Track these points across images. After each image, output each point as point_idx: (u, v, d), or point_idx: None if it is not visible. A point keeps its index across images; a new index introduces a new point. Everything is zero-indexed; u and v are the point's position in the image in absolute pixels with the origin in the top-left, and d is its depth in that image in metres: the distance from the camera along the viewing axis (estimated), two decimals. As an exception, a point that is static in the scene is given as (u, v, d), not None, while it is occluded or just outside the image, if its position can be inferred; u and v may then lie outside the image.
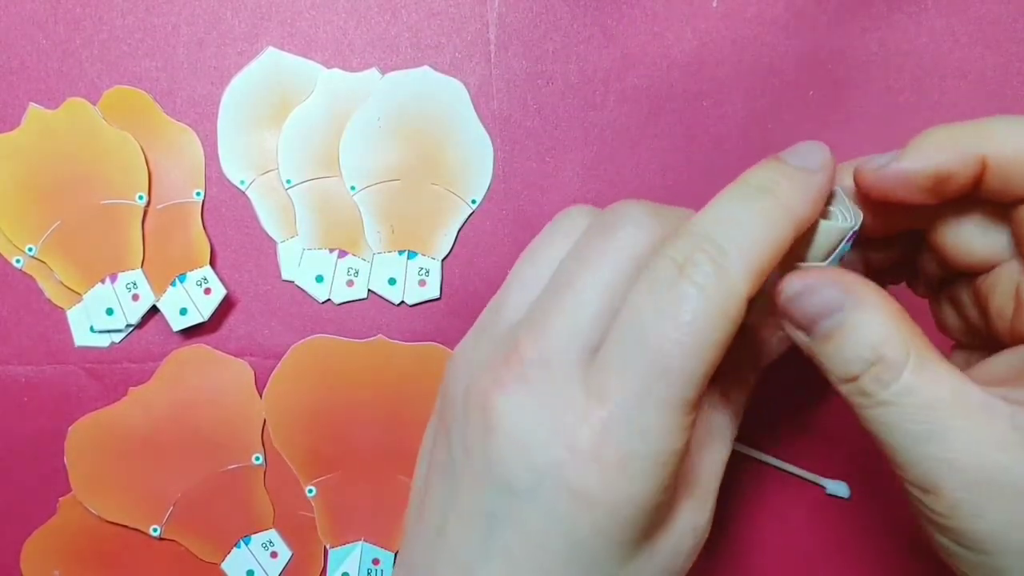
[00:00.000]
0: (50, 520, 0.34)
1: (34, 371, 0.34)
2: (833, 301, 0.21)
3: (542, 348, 0.22)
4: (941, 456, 0.20)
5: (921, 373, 0.20)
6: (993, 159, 0.21)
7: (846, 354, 0.21)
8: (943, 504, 0.20)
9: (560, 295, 0.22)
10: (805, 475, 0.34)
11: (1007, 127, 0.21)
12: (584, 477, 0.20)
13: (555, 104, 0.33)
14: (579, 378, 0.21)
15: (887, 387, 0.20)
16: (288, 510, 0.34)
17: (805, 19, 0.33)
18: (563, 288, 0.22)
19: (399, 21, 0.33)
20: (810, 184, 0.21)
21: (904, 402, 0.20)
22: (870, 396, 0.21)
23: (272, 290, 0.34)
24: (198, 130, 0.33)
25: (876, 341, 0.20)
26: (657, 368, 0.20)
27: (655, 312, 0.20)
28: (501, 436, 0.21)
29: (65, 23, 0.33)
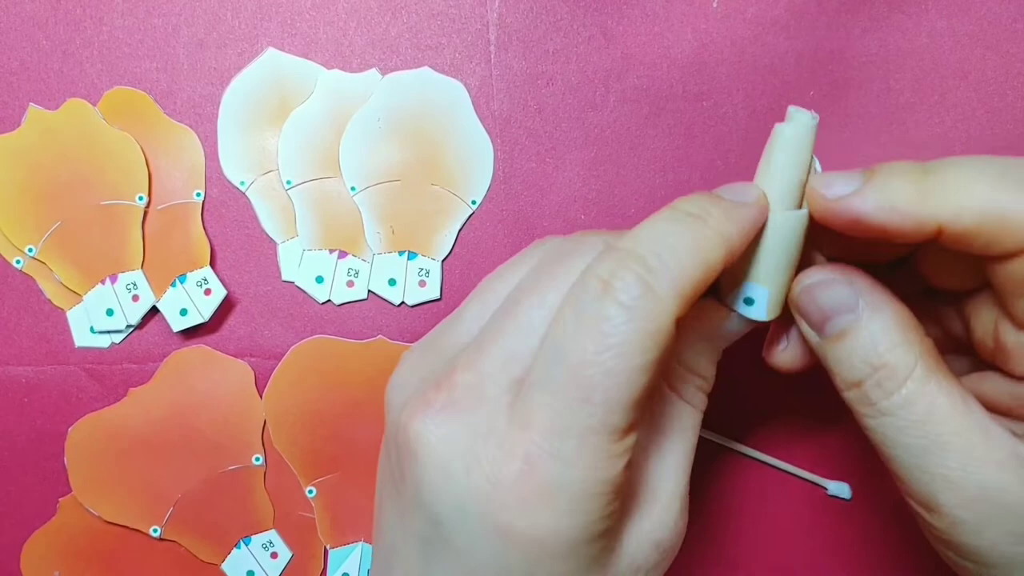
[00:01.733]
0: (50, 520, 0.34)
1: (34, 372, 0.34)
2: (845, 300, 0.21)
3: (476, 372, 0.21)
4: (939, 472, 0.20)
5: (925, 385, 0.20)
6: (950, 228, 0.19)
7: (853, 358, 0.20)
8: (944, 521, 0.20)
9: (503, 320, 0.21)
10: (806, 476, 0.34)
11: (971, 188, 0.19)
12: (507, 512, 0.19)
13: (555, 104, 0.33)
14: (507, 404, 0.20)
15: (889, 396, 0.20)
16: (288, 511, 0.34)
17: (805, 20, 0.33)
18: (507, 313, 0.21)
19: (399, 22, 0.33)
20: (741, 215, 0.21)
21: (905, 414, 0.20)
22: (872, 404, 0.20)
23: (272, 291, 0.34)
24: (198, 131, 0.33)
25: (883, 348, 0.20)
26: (580, 394, 0.19)
27: (577, 332, 0.19)
28: (426, 462, 0.20)
29: (65, 24, 0.33)
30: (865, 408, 0.21)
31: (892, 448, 0.21)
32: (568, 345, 0.19)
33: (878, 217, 0.19)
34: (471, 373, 0.21)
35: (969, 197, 0.19)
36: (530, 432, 0.19)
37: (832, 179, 0.21)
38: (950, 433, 0.20)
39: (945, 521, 0.20)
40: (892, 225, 0.19)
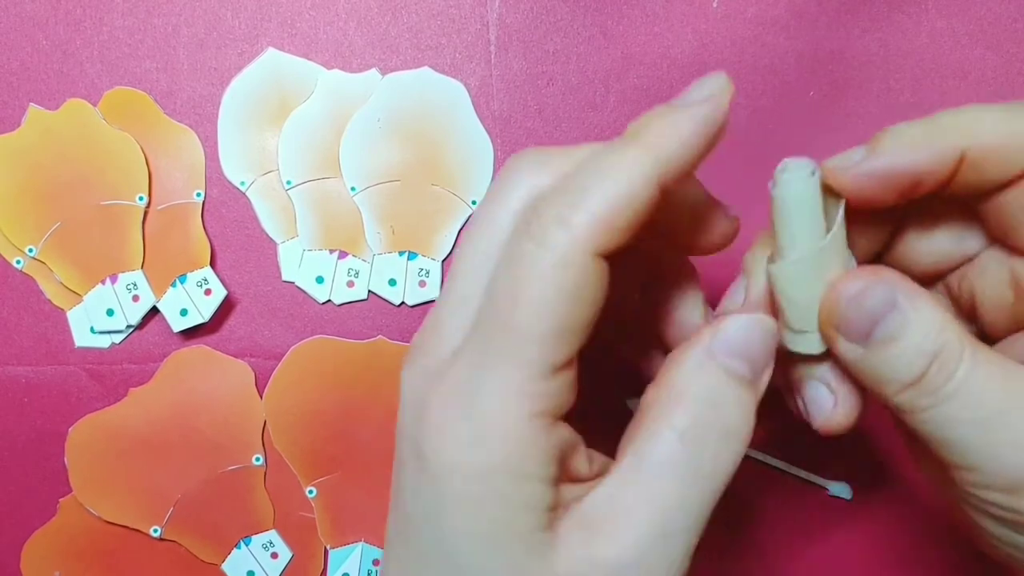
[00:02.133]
0: (50, 521, 0.34)
1: (34, 372, 0.34)
2: (887, 299, 0.20)
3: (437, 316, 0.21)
4: (1011, 436, 0.19)
5: (976, 357, 0.19)
6: (973, 151, 0.20)
7: (909, 354, 0.19)
8: (1005, 488, 0.19)
9: (458, 257, 0.21)
10: (806, 476, 0.34)
11: (983, 116, 0.20)
12: (429, 441, 0.19)
13: (555, 104, 0.33)
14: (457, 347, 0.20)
15: (952, 378, 0.19)
16: (288, 511, 0.34)
17: (805, 20, 0.33)
18: (461, 249, 0.21)
19: (399, 22, 0.33)
20: (680, 120, 0.19)
21: (968, 390, 0.19)
22: (934, 393, 0.19)
23: (272, 291, 0.34)
24: (198, 131, 0.33)
25: (935, 333, 0.19)
26: (498, 327, 0.18)
27: (502, 273, 0.19)
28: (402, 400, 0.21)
29: (66, 24, 0.33)
30: (926, 400, 0.20)
31: (956, 432, 0.19)
32: (494, 285, 0.19)
33: (905, 160, 0.20)
34: (436, 315, 0.21)
35: (985, 122, 0.20)
36: (457, 366, 0.19)
37: (840, 156, 0.21)
38: (1012, 397, 0.19)
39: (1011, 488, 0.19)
40: (919, 161, 0.20)
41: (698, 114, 0.19)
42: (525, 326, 0.18)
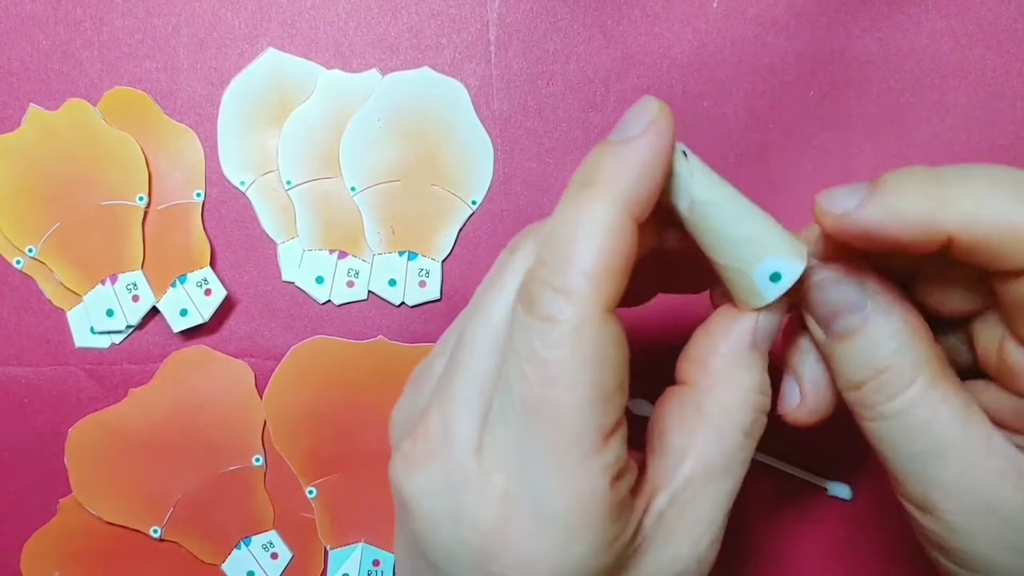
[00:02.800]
0: (50, 521, 0.34)
1: (34, 372, 0.34)
2: (855, 299, 0.20)
3: (445, 415, 0.20)
4: (937, 479, 0.20)
5: (928, 392, 0.20)
6: (963, 240, 0.18)
7: (857, 358, 0.20)
8: (938, 525, 0.20)
9: (458, 351, 0.20)
10: (806, 476, 0.34)
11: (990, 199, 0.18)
12: (498, 561, 0.19)
13: (555, 104, 0.33)
14: (476, 447, 0.19)
15: (890, 400, 0.20)
16: (288, 511, 0.34)
17: (805, 20, 0.33)
18: (461, 342, 0.20)
19: (399, 22, 0.33)
20: (628, 155, 0.19)
21: (905, 419, 0.20)
22: (871, 407, 0.20)
23: (272, 291, 0.34)
24: (198, 131, 0.33)
25: (888, 351, 0.20)
26: (536, 421, 0.18)
27: (517, 362, 0.18)
28: (415, 514, 0.20)
29: (65, 24, 0.33)
30: (864, 411, 0.21)
31: (889, 451, 0.20)
32: (512, 375, 0.18)
33: (888, 227, 0.18)
34: (438, 418, 0.20)
35: (983, 208, 0.18)
36: (500, 471, 0.19)
37: (836, 194, 0.20)
38: (950, 442, 0.19)
39: (939, 525, 0.20)
40: (902, 234, 0.18)
41: (644, 147, 0.19)
42: (566, 405, 0.18)
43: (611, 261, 0.18)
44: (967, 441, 0.19)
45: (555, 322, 0.18)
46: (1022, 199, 0.18)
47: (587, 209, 0.18)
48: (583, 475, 0.18)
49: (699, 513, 0.21)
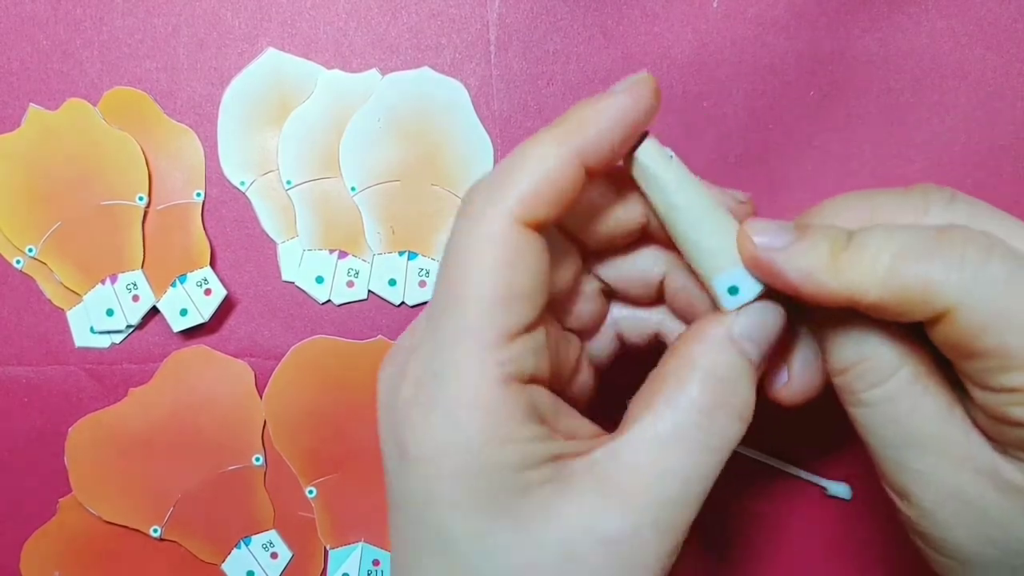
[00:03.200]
0: (50, 521, 0.34)
1: (34, 371, 0.34)
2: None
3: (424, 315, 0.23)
4: (915, 467, 0.20)
5: (911, 385, 0.20)
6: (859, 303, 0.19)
7: (844, 344, 0.21)
8: (914, 511, 0.20)
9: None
10: (806, 476, 0.34)
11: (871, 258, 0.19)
12: (407, 442, 0.20)
13: (555, 104, 0.33)
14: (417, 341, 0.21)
15: (872, 388, 0.20)
16: (288, 511, 0.34)
17: (805, 20, 0.33)
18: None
19: (399, 22, 0.33)
20: (600, 106, 0.20)
21: (885, 409, 0.20)
22: (853, 394, 0.21)
23: (272, 291, 0.34)
24: (198, 131, 0.33)
25: (874, 341, 0.20)
26: (447, 309, 0.20)
27: (445, 257, 0.20)
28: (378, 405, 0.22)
29: (65, 24, 0.33)
30: (848, 396, 0.21)
31: (871, 437, 0.21)
32: (439, 273, 0.20)
33: (796, 281, 0.19)
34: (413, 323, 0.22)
35: (872, 272, 0.18)
36: (417, 359, 0.20)
37: (765, 228, 0.20)
38: (930, 435, 0.20)
39: (915, 512, 0.20)
40: (809, 292, 0.19)
41: (617, 101, 0.20)
42: (472, 298, 0.19)
43: (541, 184, 0.20)
44: (946, 435, 0.20)
45: (478, 224, 0.20)
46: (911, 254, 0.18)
47: (539, 142, 0.20)
48: (475, 366, 0.19)
49: (638, 479, 0.20)
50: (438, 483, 0.19)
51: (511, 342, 0.19)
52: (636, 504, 0.19)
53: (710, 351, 0.21)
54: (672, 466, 0.20)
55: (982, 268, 0.18)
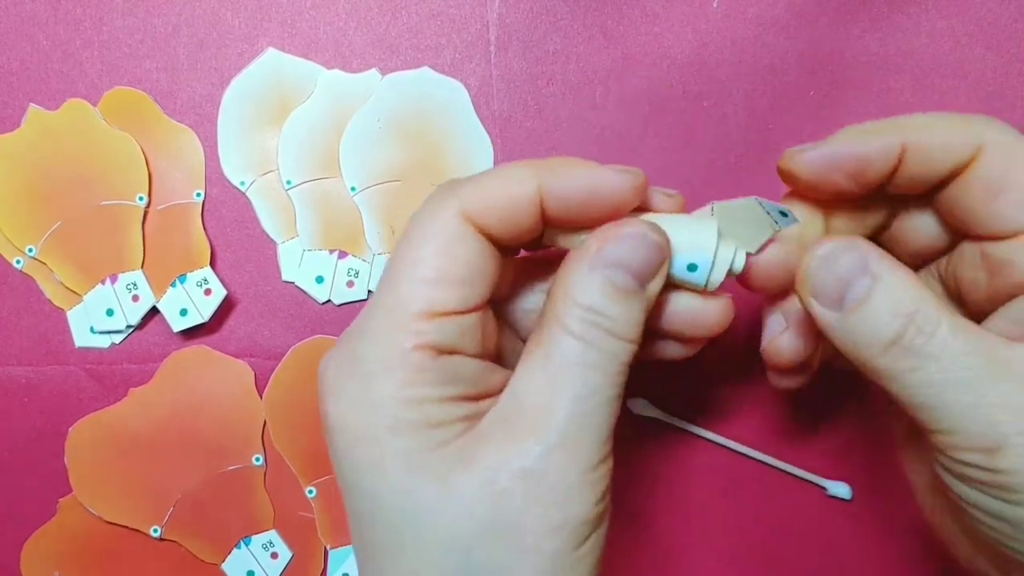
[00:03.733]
0: (50, 521, 0.34)
1: (34, 371, 0.34)
2: (858, 264, 0.21)
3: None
4: (997, 399, 0.19)
5: (956, 319, 0.20)
6: (912, 146, 0.22)
7: (881, 315, 0.20)
8: (1008, 459, 0.19)
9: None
10: (806, 476, 0.34)
11: (928, 120, 0.23)
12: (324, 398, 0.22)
13: (555, 105, 0.33)
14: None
15: (932, 337, 0.20)
16: (288, 511, 0.34)
17: (805, 20, 0.33)
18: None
19: (399, 22, 0.33)
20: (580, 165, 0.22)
21: (952, 350, 0.20)
22: (916, 355, 0.20)
23: (272, 291, 0.34)
24: (198, 131, 0.33)
25: (911, 295, 0.20)
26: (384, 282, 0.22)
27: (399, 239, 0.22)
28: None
29: (65, 24, 0.33)
30: (906, 362, 0.20)
31: (937, 394, 0.20)
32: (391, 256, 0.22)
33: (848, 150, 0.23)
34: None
35: (926, 124, 0.22)
36: (348, 332, 0.22)
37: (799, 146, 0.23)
38: (990, 362, 0.20)
39: (1010, 459, 0.19)
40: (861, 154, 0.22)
41: (599, 172, 0.22)
42: (406, 276, 0.21)
43: (497, 198, 0.21)
44: (1011, 356, 0.20)
45: (430, 214, 0.21)
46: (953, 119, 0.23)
47: (513, 165, 0.22)
48: (394, 335, 0.21)
49: (537, 409, 0.21)
50: (357, 447, 0.21)
51: (436, 319, 0.21)
52: (540, 431, 0.20)
53: (578, 282, 0.21)
54: (562, 389, 0.21)
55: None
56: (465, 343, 0.21)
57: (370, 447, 0.21)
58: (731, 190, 0.33)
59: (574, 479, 0.20)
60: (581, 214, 0.22)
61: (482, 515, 0.20)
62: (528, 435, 0.20)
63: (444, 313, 0.21)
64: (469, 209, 0.21)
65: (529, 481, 0.20)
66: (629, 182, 0.22)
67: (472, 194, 0.21)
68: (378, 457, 0.20)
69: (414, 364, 0.20)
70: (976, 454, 0.20)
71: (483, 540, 0.20)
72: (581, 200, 0.22)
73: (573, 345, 0.21)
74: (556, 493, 0.20)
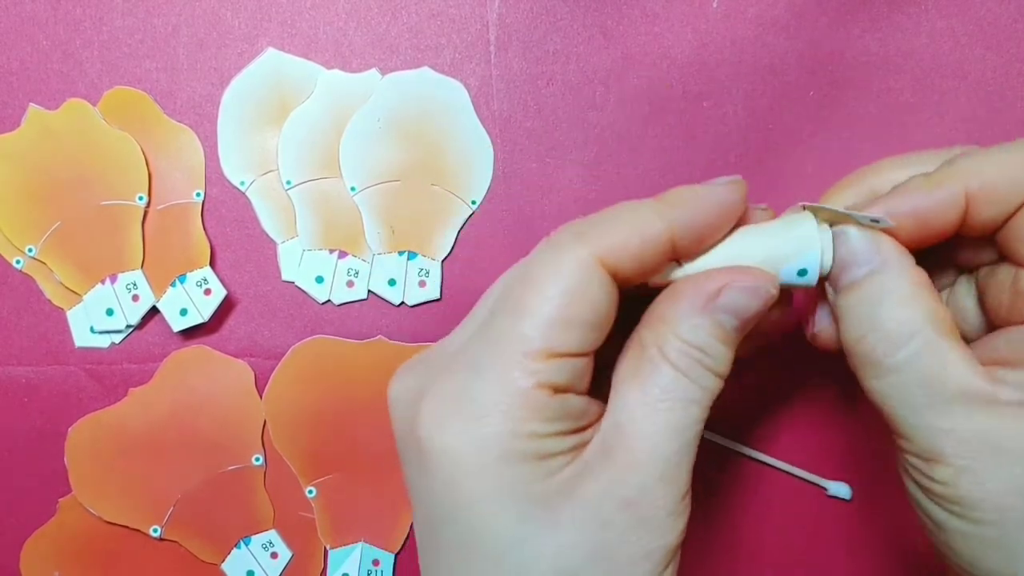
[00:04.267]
0: (50, 520, 0.34)
1: (34, 371, 0.34)
2: (865, 253, 0.22)
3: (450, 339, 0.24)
4: (945, 425, 0.21)
5: (937, 342, 0.21)
6: (974, 192, 0.22)
7: (861, 309, 0.22)
8: (946, 473, 0.21)
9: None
10: (806, 476, 0.34)
11: (982, 160, 0.22)
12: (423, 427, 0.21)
13: (555, 104, 0.33)
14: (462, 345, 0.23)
15: (895, 352, 0.21)
16: (288, 511, 0.34)
17: (805, 20, 0.33)
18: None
19: (399, 22, 0.33)
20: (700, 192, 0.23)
21: (911, 369, 0.21)
22: (877, 362, 0.21)
23: (272, 291, 0.34)
24: (198, 131, 0.33)
25: (894, 302, 0.21)
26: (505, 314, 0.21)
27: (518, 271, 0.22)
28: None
29: (65, 24, 0.33)
30: (870, 366, 0.22)
31: (896, 407, 0.21)
32: (507, 284, 0.22)
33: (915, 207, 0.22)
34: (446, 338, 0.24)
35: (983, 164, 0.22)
36: (459, 358, 0.22)
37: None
38: (960, 388, 0.20)
39: (947, 473, 0.21)
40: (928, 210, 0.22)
41: (716, 192, 0.22)
42: (530, 311, 0.21)
43: (632, 240, 0.21)
44: (972, 385, 0.21)
45: (559, 252, 0.21)
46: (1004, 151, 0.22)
47: (638, 205, 0.22)
48: (509, 369, 0.20)
49: (638, 441, 0.21)
50: (466, 480, 0.20)
51: (553, 360, 0.21)
52: (641, 462, 0.21)
53: (688, 318, 0.22)
54: (663, 422, 0.21)
55: None
56: (577, 382, 0.22)
57: (479, 479, 0.20)
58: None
59: (672, 508, 0.21)
60: (708, 239, 0.23)
61: (586, 544, 0.20)
62: (629, 467, 0.21)
63: (564, 355, 0.21)
64: (601, 252, 0.21)
65: (631, 512, 0.21)
66: (741, 193, 0.23)
67: (603, 238, 0.21)
68: (487, 488, 0.20)
69: (530, 402, 0.20)
70: (920, 461, 0.21)
71: (586, 569, 0.20)
72: (710, 226, 0.22)
73: (675, 378, 0.21)
74: (654, 522, 0.21)
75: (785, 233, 0.23)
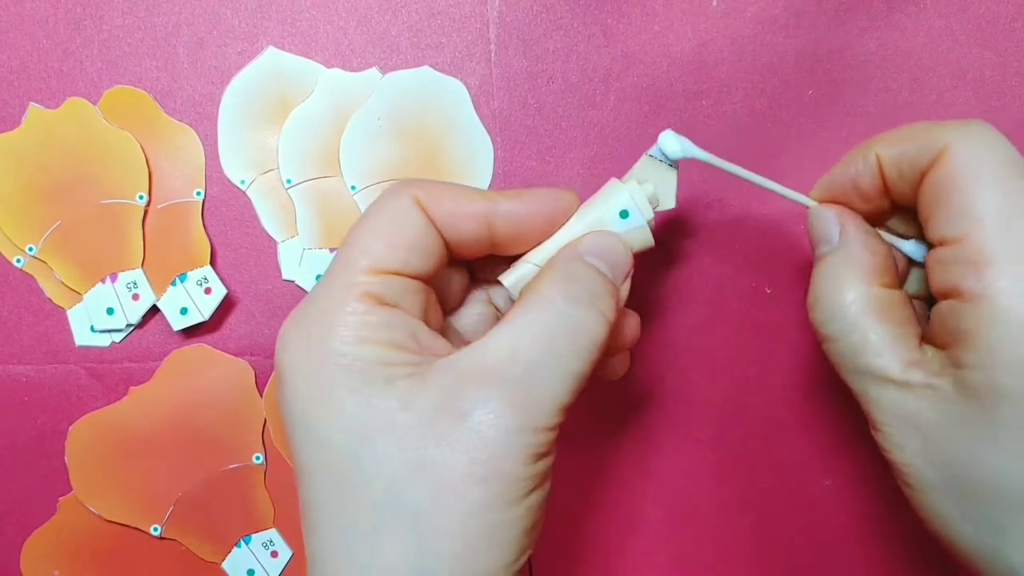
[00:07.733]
0: (50, 520, 0.34)
1: (34, 371, 0.34)
2: (827, 232, 0.25)
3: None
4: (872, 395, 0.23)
5: (857, 325, 0.23)
6: (882, 156, 0.24)
7: (816, 282, 0.25)
8: (882, 438, 0.23)
9: None
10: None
11: (897, 131, 0.24)
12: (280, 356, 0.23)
13: (555, 103, 0.33)
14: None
15: (826, 325, 0.24)
16: (289, 509, 0.34)
17: (804, 19, 0.33)
18: None
19: (399, 21, 0.33)
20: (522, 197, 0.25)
21: (840, 341, 0.24)
22: (818, 329, 0.24)
23: (272, 290, 0.34)
24: (198, 130, 0.33)
25: (832, 282, 0.24)
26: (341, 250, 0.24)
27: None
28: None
29: (65, 23, 0.33)
30: (817, 332, 0.24)
31: (838, 368, 0.24)
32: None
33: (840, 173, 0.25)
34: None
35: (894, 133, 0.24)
36: (307, 296, 0.24)
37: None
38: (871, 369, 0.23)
39: (883, 439, 0.23)
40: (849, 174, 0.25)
41: (545, 195, 0.25)
42: (355, 240, 0.23)
43: (455, 198, 0.24)
44: (888, 369, 0.23)
45: (389, 193, 0.24)
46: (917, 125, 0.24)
47: (474, 188, 0.25)
48: (341, 286, 0.23)
49: (498, 361, 0.22)
50: (307, 387, 0.22)
51: (378, 275, 0.23)
52: (490, 381, 0.21)
53: (568, 263, 0.24)
54: (526, 345, 0.22)
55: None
56: (406, 303, 0.23)
57: (320, 385, 0.22)
58: (731, 189, 0.33)
59: (512, 434, 0.21)
60: (527, 234, 0.25)
61: (416, 452, 0.21)
62: (476, 384, 0.21)
63: (388, 272, 0.23)
64: (421, 196, 0.24)
65: (464, 426, 0.21)
66: (567, 203, 0.25)
67: (422, 187, 0.24)
68: (328, 392, 0.21)
69: (359, 309, 0.22)
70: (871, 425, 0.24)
71: (414, 477, 0.20)
72: (528, 221, 0.25)
73: (561, 304, 0.23)
74: (491, 445, 0.21)
75: (603, 200, 0.26)
